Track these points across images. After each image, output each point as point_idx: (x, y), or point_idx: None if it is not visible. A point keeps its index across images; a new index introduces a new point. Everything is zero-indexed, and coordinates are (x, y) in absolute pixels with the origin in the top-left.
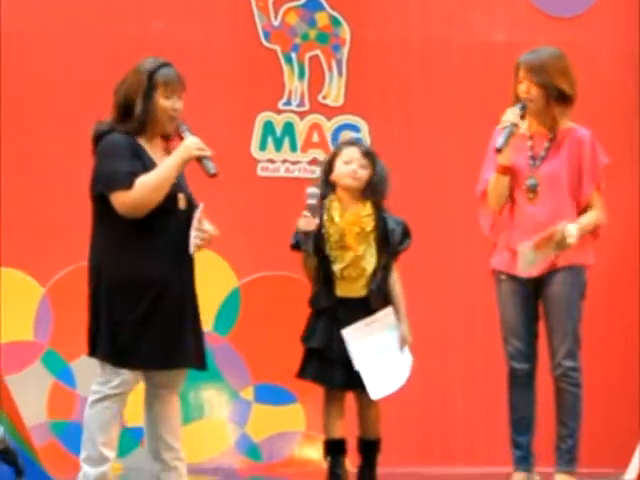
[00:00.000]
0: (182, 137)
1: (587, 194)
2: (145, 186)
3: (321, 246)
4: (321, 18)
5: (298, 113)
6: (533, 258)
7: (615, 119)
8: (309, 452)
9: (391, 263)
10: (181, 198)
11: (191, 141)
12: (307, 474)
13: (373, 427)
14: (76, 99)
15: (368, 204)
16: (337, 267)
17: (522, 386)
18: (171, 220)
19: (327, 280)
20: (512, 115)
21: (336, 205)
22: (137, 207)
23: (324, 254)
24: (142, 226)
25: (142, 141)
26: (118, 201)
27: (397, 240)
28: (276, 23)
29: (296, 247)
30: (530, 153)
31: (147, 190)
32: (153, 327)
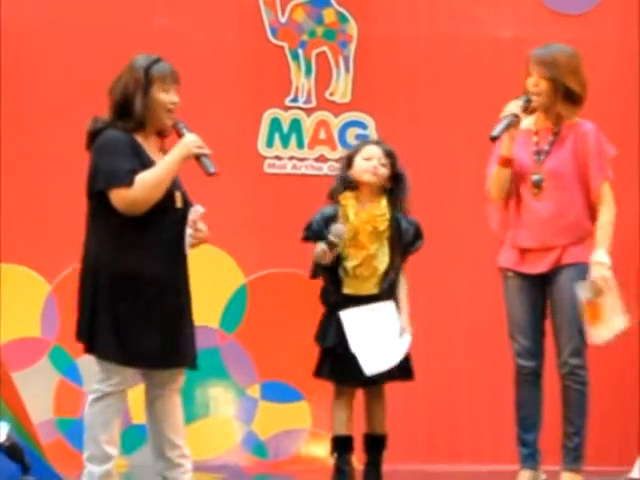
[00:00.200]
0: (180, 134)
1: (596, 188)
2: (145, 183)
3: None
4: (328, 14)
5: (305, 110)
6: (610, 328)
7: (623, 116)
8: (315, 450)
9: (402, 263)
10: (178, 196)
11: (190, 139)
12: (313, 471)
13: (380, 423)
14: (81, 96)
15: (384, 203)
16: (349, 265)
17: (529, 384)
18: (168, 218)
19: (336, 276)
20: (514, 106)
21: (352, 203)
22: (137, 204)
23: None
24: (140, 223)
25: (139, 138)
26: (118, 198)
27: (409, 240)
28: (283, 20)
29: (307, 240)
30: (535, 148)
31: (147, 187)
32: (154, 324)
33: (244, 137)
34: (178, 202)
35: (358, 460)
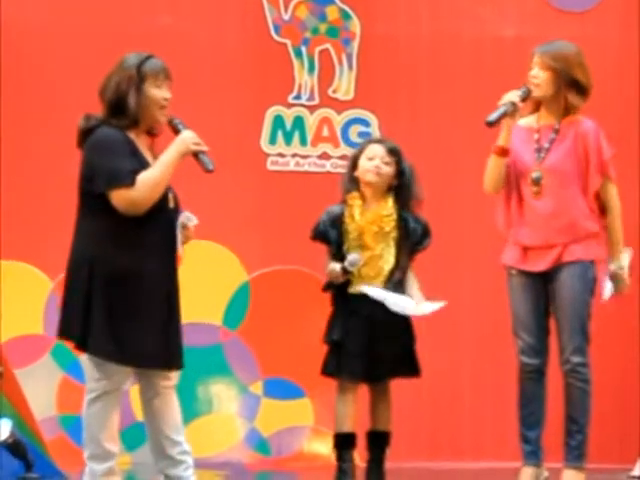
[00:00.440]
0: (176, 131)
1: (594, 186)
2: (146, 183)
3: (340, 241)
4: (331, 12)
5: (308, 107)
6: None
7: (624, 114)
8: (318, 447)
9: (409, 261)
10: (170, 198)
11: (187, 135)
12: (316, 468)
13: (384, 420)
14: (82, 94)
15: (390, 203)
16: None
17: (532, 381)
18: (162, 217)
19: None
20: (512, 95)
21: (358, 203)
22: (139, 205)
23: (342, 250)
24: (137, 223)
25: (132, 136)
26: (119, 199)
27: (417, 239)
28: (286, 17)
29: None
30: (536, 146)
31: (149, 187)
32: (153, 324)
33: (247, 134)
34: (171, 203)
35: (361, 457)
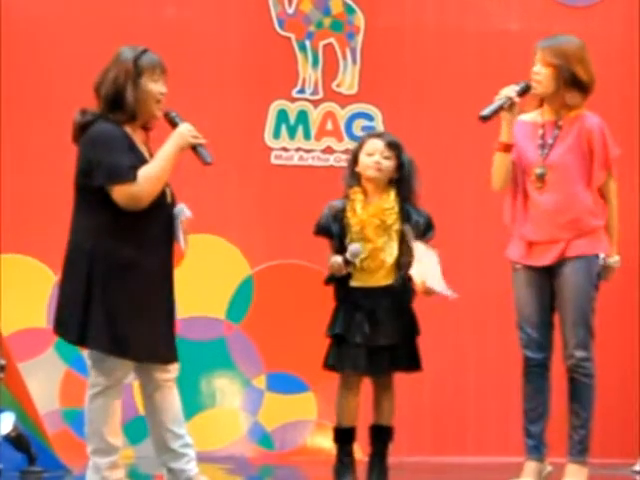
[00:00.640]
0: (174, 124)
1: (598, 181)
2: (147, 178)
3: (342, 235)
4: (335, 6)
5: (312, 101)
6: None
7: (628, 109)
8: (321, 441)
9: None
10: (168, 193)
11: (185, 128)
12: (319, 463)
13: (387, 414)
14: (86, 87)
15: (392, 196)
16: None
17: (536, 375)
18: (160, 212)
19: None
20: (509, 89)
21: (360, 197)
22: (140, 200)
23: (344, 244)
24: (134, 216)
25: (128, 131)
26: (121, 194)
27: (420, 232)
28: (290, 11)
29: (317, 234)
30: (540, 142)
31: (150, 182)
32: (154, 318)
33: (251, 128)
34: (168, 198)
35: (364, 452)
